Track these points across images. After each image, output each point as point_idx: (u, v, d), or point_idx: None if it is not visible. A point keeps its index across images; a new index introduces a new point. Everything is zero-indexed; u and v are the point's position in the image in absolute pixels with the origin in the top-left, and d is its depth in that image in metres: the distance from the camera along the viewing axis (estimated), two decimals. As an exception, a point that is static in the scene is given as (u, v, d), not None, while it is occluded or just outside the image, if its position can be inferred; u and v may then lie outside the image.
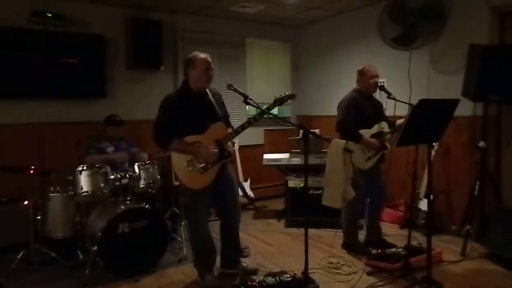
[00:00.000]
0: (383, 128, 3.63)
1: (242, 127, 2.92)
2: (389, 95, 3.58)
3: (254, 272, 3.27)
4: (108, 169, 3.53)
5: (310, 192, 4.30)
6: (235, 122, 3.23)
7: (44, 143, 4.36)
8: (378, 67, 3.68)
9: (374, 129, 3.60)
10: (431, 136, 2.91)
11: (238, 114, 5.53)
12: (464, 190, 4.01)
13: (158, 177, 3.79)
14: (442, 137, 3.00)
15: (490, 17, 3.83)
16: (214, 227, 3.16)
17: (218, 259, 3.21)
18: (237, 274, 3.15)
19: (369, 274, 3.22)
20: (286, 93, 2.89)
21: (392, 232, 4.23)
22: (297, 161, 4.76)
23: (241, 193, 5.24)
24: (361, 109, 3.58)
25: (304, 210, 2.96)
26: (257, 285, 2.84)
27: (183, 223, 4.02)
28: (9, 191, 3.85)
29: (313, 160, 4.41)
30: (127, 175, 3.59)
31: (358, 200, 3.51)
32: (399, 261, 3.21)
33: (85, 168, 3.42)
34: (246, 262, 3.38)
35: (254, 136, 5.70)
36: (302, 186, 4.48)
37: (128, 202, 3.43)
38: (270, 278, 2.91)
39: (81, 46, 4.44)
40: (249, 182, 5.46)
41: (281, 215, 4.87)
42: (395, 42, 4.41)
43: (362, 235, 3.89)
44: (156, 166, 3.79)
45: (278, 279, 2.90)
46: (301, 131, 3.21)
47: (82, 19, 4.53)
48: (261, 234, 4.35)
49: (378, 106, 3.80)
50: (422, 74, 4.42)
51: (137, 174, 3.65)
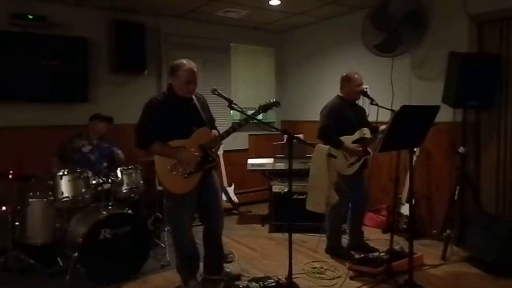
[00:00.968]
0: (365, 134, 3.67)
1: (227, 133, 2.93)
2: (371, 101, 3.63)
3: (238, 277, 3.27)
4: (89, 173, 3.49)
5: (294, 197, 4.30)
6: (220, 127, 3.23)
7: (23, 148, 4.28)
8: (361, 73, 3.74)
9: (356, 135, 3.65)
10: (413, 141, 2.97)
11: (223, 119, 5.53)
12: (444, 195, 4.08)
13: (141, 182, 3.76)
14: (423, 142, 3.06)
15: (469, 25, 3.94)
16: (198, 233, 3.15)
17: (202, 265, 3.20)
18: (220, 280, 3.15)
19: (352, 278, 3.25)
20: (271, 100, 2.90)
21: (374, 236, 4.28)
22: (281, 166, 4.77)
23: (225, 198, 5.24)
24: (343, 115, 3.62)
25: (288, 215, 2.98)
26: (241, 290, 2.84)
27: (166, 229, 4.00)
28: (-14, 197, 3.76)
29: (297, 165, 4.43)
30: (109, 180, 3.55)
31: (341, 205, 3.55)
32: (382, 265, 3.26)
33: (65, 173, 3.37)
34: (229, 268, 3.37)
35: (238, 141, 5.71)
36: (286, 191, 4.50)
37: (110, 208, 3.40)
38: (254, 284, 2.92)
39: (63, 49, 4.39)
40: (233, 187, 5.46)
41: (265, 220, 4.88)
42: (378, 49, 4.49)
43: (345, 240, 3.93)
44: (139, 171, 3.76)
45: (262, 285, 2.91)
46: (285, 136, 3.23)
47: (65, 22, 4.48)
48: (245, 239, 4.35)
49: (361, 112, 3.85)
50: (404, 81, 4.50)
51: (119, 179, 3.62)
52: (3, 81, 4.10)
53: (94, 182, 3.48)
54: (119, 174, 3.64)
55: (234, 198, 5.37)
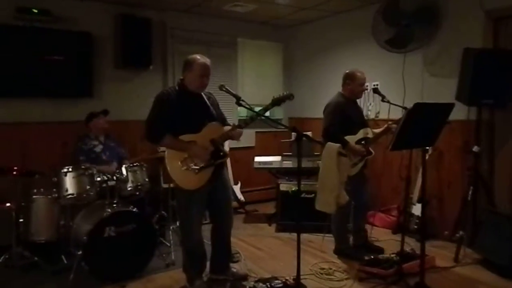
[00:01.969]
0: (368, 134, 3.66)
1: (240, 126, 2.94)
2: (383, 98, 3.61)
3: (244, 278, 3.26)
4: (94, 170, 3.49)
5: (302, 196, 4.31)
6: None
7: (27, 143, 4.29)
8: (372, 69, 3.72)
9: (359, 135, 3.63)
10: (426, 140, 2.93)
11: (230, 115, 5.52)
12: (457, 195, 4.05)
13: (146, 179, 3.77)
14: (436, 141, 3.02)
15: (485, 21, 3.88)
16: (204, 231, 3.14)
17: (208, 264, 3.19)
18: (227, 280, 3.14)
19: (361, 280, 3.23)
20: (284, 92, 2.89)
21: (384, 237, 4.26)
22: (289, 164, 4.76)
23: (231, 197, 5.24)
24: (347, 114, 3.61)
25: (296, 214, 2.96)
26: (247, 291, 2.83)
27: (171, 227, 4.00)
28: (-10, 193, 3.78)
29: (305, 163, 4.42)
30: (114, 177, 3.56)
31: (347, 204, 3.53)
32: (392, 267, 3.23)
33: (70, 169, 3.38)
34: (236, 268, 3.37)
35: (244, 138, 5.61)
36: (294, 189, 4.49)
37: (114, 205, 3.40)
38: (260, 284, 2.91)
39: (67, 43, 4.40)
40: (239, 185, 5.45)
41: (272, 219, 4.87)
42: (389, 44, 4.44)
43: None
44: (144, 169, 3.77)
45: (269, 285, 2.90)
46: (293, 134, 3.21)
47: (69, 16, 4.48)
48: (251, 238, 4.34)
49: (361, 111, 3.89)
50: (416, 77, 4.46)
51: (124, 176, 3.63)
52: (7, 76, 4.12)
53: (98, 179, 3.49)
54: (124, 172, 3.65)
55: (240, 196, 5.36)
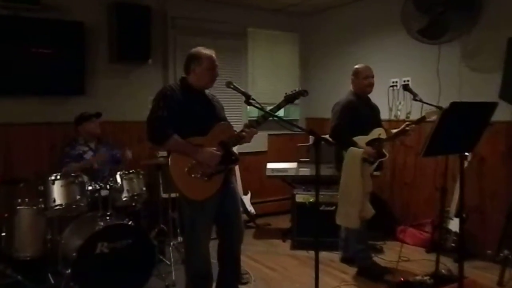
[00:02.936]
0: (380, 134, 3.70)
1: (251, 126, 2.94)
2: (414, 97, 3.60)
3: (255, 302, 3.25)
4: (85, 178, 3.53)
5: (321, 208, 4.29)
6: (234, 126, 3.24)
7: (11, 147, 4.36)
8: (402, 64, 3.73)
9: (371, 135, 3.67)
10: (464, 145, 2.90)
11: (238, 116, 5.55)
12: (501, 208, 4.00)
13: (144, 188, 3.79)
14: (477, 146, 2.99)
15: (533, 7, 3.85)
16: (209, 248, 3.14)
17: (213, 286, 3.20)
18: (235, 304, 3.14)
19: (389, 306, 3.21)
20: (297, 89, 2.89)
21: (416, 256, 4.22)
22: (306, 171, 4.76)
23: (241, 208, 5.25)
24: (357, 113, 3.70)
25: (314, 229, 2.96)
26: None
27: (172, 243, 4.01)
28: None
29: (325, 171, 4.39)
30: (108, 186, 3.58)
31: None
32: (426, 291, 3.20)
33: (58, 177, 3.42)
34: (245, 290, 3.37)
35: (256, 141, 5.61)
36: (312, 201, 4.48)
37: (108, 218, 3.42)
38: (273, 309, 2.90)
39: (57, 34, 4.45)
40: (249, 195, 5.46)
41: (286, 235, 4.86)
42: (422, 35, 4.43)
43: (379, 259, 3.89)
44: (141, 176, 3.79)
45: (283, 311, 2.88)
46: (311, 137, 3.21)
47: (60, 4, 4.53)
48: (263, 256, 4.34)
49: (375, 110, 3.95)
50: (453, 73, 4.43)
51: (119, 184, 3.65)
52: (-11, 71, 4.19)
53: (90, 188, 3.52)
54: (119, 180, 3.67)
55: (251, 208, 5.37)
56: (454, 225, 4.15)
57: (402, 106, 4.88)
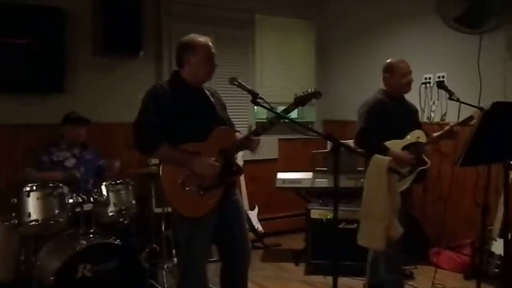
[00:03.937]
0: (419, 138, 3.67)
1: (256, 133, 2.94)
2: (450, 95, 3.60)
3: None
4: (65, 190, 3.55)
5: (341, 226, 4.29)
6: (239, 129, 3.26)
7: (-21, 153, 4.41)
8: (437, 57, 3.73)
9: (407, 139, 3.64)
10: (509, 152, 2.90)
11: (243, 118, 5.56)
12: (554, 228, 3.98)
13: (133, 202, 3.82)
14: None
15: None
16: (210, 272, 3.15)
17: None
18: None
19: None
20: (309, 90, 2.90)
21: (454, 283, 4.21)
22: (323, 183, 4.76)
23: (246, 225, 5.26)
24: (388, 114, 3.66)
25: (332, 251, 2.95)
26: None
27: (166, 266, 4.03)
28: None
29: (345, 182, 4.41)
30: (91, 199, 3.61)
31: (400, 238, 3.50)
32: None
33: (34, 188, 3.45)
34: (251, 322, 3.37)
35: (264, 147, 5.68)
36: (329, 217, 4.47)
37: (91, 236, 3.44)
38: None
39: (33, 22, 4.49)
40: (256, 211, 5.46)
41: (300, 257, 4.86)
42: (459, 23, 4.43)
43: None
44: (130, 188, 3.82)
45: None
46: (329, 143, 3.22)
47: (36, -13, 4.60)
48: (272, 282, 4.35)
49: (411, 110, 3.91)
50: (497, 67, 4.43)
51: (104, 197, 3.68)
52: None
53: (71, 201, 3.54)
54: (104, 191, 3.70)
55: (258, 226, 5.37)
56: (498, 247, 4.13)
57: (436, 107, 4.88)
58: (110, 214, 3.70)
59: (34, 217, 3.40)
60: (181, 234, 2.99)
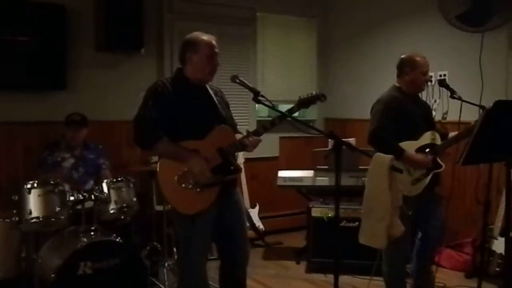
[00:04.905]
0: (434, 139, 3.59)
1: (256, 133, 2.93)
2: (452, 94, 3.57)
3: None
4: (66, 187, 3.55)
5: (342, 224, 4.29)
6: (240, 126, 3.25)
7: (-20, 151, 4.41)
8: (439, 55, 3.72)
9: (422, 140, 3.57)
10: (510, 151, 2.89)
11: (245, 116, 5.56)
12: (555, 227, 3.97)
13: (134, 199, 3.81)
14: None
15: None
16: (210, 270, 3.16)
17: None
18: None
19: None
20: (314, 92, 2.89)
21: (454, 282, 4.21)
22: (324, 181, 4.76)
23: (247, 224, 5.25)
24: (404, 113, 3.53)
25: (333, 249, 2.96)
26: None
27: (167, 264, 4.03)
28: None
29: (346, 180, 4.41)
30: (92, 196, 3.61)
31: (404, 238, 3.47)
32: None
33: (35, 185, 3.44)
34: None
35: (265, 145, 5.63)
36: (331, 216, 4.48)
37: (92, 233, 3.45)
38: None
39: (34, 19, 4.49)
40: (257, 209, 5.46)
41: (301, 256, 4.87)
42: (461, 21, 4.41)
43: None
44: (131, 185, 3.82)
45: None
46: (330, 141, 3.21)
47: (37, -16, 4.60)
48: (273, 280, 4.35)
49: (426, 109, 3.80)
50: (499, 65, 4.42)
51: (105, 195, 3.67)
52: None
53: (72, 198, 3.54)
54: (105, 189, 3.70)
55: (259, 224, 5.37)
56: (499, 245, 4.13)
57: (437, 105, 4.86)
58: (111, 212, 3.69)
59: (35, 214, 3.39)
60: (179, 232, 3.01)
